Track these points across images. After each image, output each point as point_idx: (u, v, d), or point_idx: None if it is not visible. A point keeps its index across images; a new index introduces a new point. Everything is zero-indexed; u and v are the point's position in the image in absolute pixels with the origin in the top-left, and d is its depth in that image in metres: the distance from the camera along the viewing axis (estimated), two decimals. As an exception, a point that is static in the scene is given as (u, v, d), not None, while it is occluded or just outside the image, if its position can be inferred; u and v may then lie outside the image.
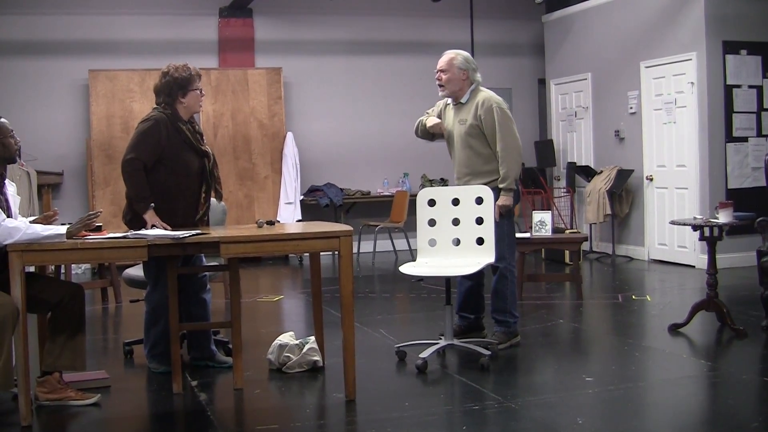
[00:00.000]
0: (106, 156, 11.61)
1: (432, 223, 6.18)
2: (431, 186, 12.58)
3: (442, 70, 6.37)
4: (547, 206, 12.01)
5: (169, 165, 5.59)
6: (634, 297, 8.48)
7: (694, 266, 10.33)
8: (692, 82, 10.42)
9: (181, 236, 4.83)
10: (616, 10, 11.81)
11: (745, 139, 10.34)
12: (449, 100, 6.47)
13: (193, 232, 5.00)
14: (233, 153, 12.14)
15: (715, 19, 10.21)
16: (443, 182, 13.02)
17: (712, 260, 6.67)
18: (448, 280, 6.02)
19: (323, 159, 13.03)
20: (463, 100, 6.33)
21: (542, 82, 13.85)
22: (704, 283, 6.82)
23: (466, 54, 6.46)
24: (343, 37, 13.18)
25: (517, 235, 7.16)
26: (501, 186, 6.16)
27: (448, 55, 6.40)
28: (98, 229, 4.98)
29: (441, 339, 6.07)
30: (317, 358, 5.74)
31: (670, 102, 10.79)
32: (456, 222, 6.13)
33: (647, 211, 11.25)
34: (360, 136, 13.22)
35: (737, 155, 10.30)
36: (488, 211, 5.99)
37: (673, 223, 7.04)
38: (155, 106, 5.76)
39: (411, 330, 7.28)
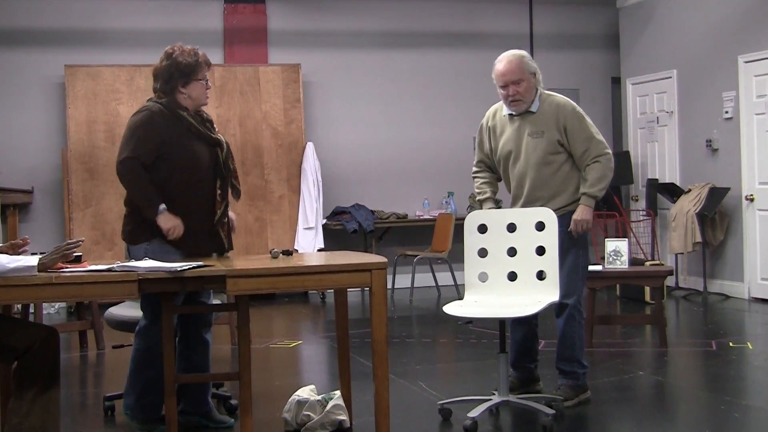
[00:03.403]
0: (87, 170, 11.70)
1: (483, 253, 6.16)
2: (481, 208, 12.63)
3: (515, 82, 6.24)
4: (622, 233, 11.95)
5: (174, 159, 5.62)
6: (731, 344, 8.40)
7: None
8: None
9: (179, 269, 4.84)
10: (707, -6, 11.81)
11: None
12: (504, 111, 6.40)
13: (193, 264, 5.00)
14: (242, 167, 12.18)
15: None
16: (496, 204, 12.97)
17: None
18: (502, 323, 5.99)
19: (350, 175, 13.07)
20: (533, 109, 6.26)
21: (616, 82, 13.82)
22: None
23: (527, 53, 6.51)
24: (374, 27, 13.23)
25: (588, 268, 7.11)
26: (586, 191, 6.17)
27: (514, 59, 6.32)
28: (77, 260, 5.00)
29: (494, 395, 6.03)
30: (343, 417, 5.72)
31: (774, 104, 10.79)
32: (512, 252, 6.10)
33: (747, 239, 11.17)
34: (395, 148, 13.24)
35: None
36: (551, 240, 5.96)
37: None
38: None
39: (457, 383, 7.25)
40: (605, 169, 6.17)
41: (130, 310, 6.34)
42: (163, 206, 5.54)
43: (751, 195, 11.05)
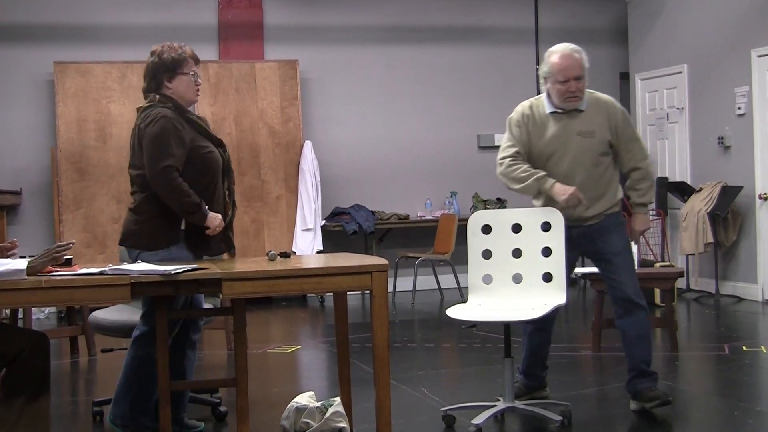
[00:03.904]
0: (77, 170, 11.70)
1: (487, 254, 6.16)
2: (485, 208, 12.63)
3: (577, 78, 6.09)
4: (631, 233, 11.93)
5: (194, 163, 5.68)
6: (744, 348, 8.40)
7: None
8: (816, 76, 10.42)
9: (172, 272, 4.84)
10: (719, -14, 11.82)
11: None
12: (545, 108, 6.21)
13: (188, 267, 5.00)
14: (237, 167, 12.17)
15: None
16: (500, 203, 13.01)
17: None
18: (507, 327, 5.99)
19: (350, 175, 13.07)
20: (581, 107, 6.16)
21: (625, 77, 13.82)
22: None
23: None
24: (374, 22, 13.24)
25: (595, 270, 7.08)
26: (642, 201, 6.32)
27: (578, 54, 6.15)
28: (68, 263, 4.99)
29: (499, 401, 6.03)
30: (343, 424, 5.72)
31: (789, 100, 10.80)
32: (517, 254, 6.11)
33: (761, 239, 11.17)
34: (396, 147, 13.24)
35: None
36: (558, 241, 5.97)
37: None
38: (147, 102, 5.80)
39: (461, 389, 7.26)
40: (652, 176, 6.37)
41: (115, 313, 6.32)
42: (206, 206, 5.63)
43: (765, 194, 11.05)
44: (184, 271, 4.88)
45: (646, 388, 6.15)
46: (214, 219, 5.66)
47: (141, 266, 5.04)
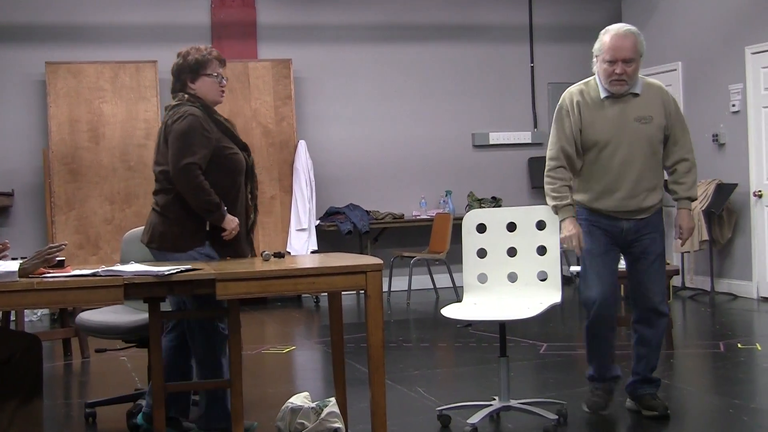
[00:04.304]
0: (69, 171, 11.68)
1: (482, 253, 6.15)
2: (480, 207, 12.63)
3: (626, 60, 5.79)
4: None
5: (219, 164, 5.76)
6: (740, 345, 8.41)
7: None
8: (811, 72, 10.44)
9: (166, 273, 4.83)
10: (712, -17, 11.82)
11: None
12: (599, 93, 5.94)
13: (182, 267, 4.99)
14: (231, 167, 12.16)
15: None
16: (495, 202, 13.00)
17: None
18: (502, 326, 5.98)
19: (344, 174, 13.06)
20: (637, 90, 5.89)
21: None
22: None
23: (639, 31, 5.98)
24: (368, 20, 13.23)
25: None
26: (689, 195, 5.99)
27: (631, 35, 5.86)
28: (60, 265, 4.98)
29: (494, 400, 6.02)
30: (339, 425, 5.71)
31: (783, 97, 10.81)
32: (512, 252, 6.10)
33: (755, 237, 11.17)
34: (391, 145, 13.24)
35: None
36: (553, 239, 5.96)
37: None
38: (176, 101, 5.87)
39: (457, 389, 7.25)
40: (695, 166, 6.02)
41: (101, 314, 6.28)
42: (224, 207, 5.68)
43: (760, 191, 11.05)
44: (178, 272, 4.88)
45: (648, 394, 6.10)
46: (231, 221, 5.68)
47: (134, 267, 5.04)
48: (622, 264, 6.11)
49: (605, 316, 5.89)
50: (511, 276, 6.08)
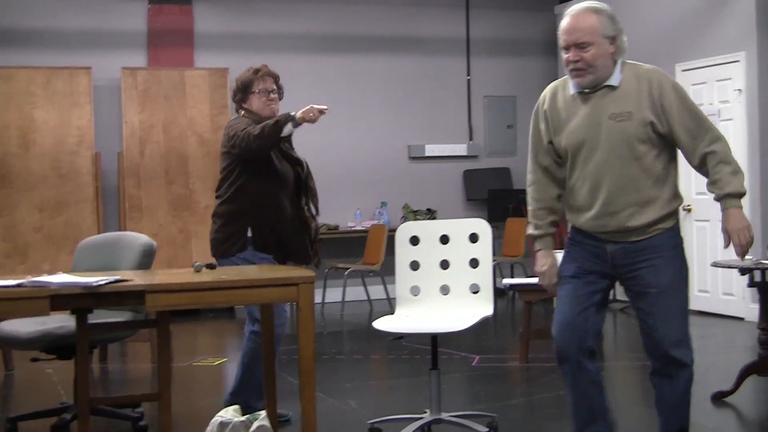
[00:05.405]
0: (-2, 178, 11.53)
1: (415, 266, 6.15)
2: (415, 219, 12.66)
3: (580, 45, 4.65)
4: (560, 244, 12.00)
5: (264, 174, 6.17)
6: (670, 359, 8.44)
7: (743, 318, 10.38)
8: (740, 90, 10.50)
9: (94, 284, 4.76)
10: (646, 0, 11.90)
11: (807, 160, 10.41)
12: (571, 88, 4.80)
13: (110, 278, 4.93)
14: (165, 176, 12.10)
15: (770, 10, 10.31)
16: (430, 214, 13.02)
17: (764, 311, 6.68)
18: (434, 339, 5.98)
19: (279, 184, 13.00)
20: (613, 82, 4.71)
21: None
22: (755, 341, 6.83)
23: (609, 8, 4.86)
24: (306, 30, 13.21)
25: (523, 280, 7.14)
26: (729, 190, 4.66)
27: (585, 14, 4.71)
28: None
29: (426, 413, 6.02)
30: (268, 438, 5.68)
31: (712, 114, 10.84)
32: (445, 265, 6.10)
33: (685, 251, 11.23)
34: (326, 156, 13.20)
35: (798, 180, 10.36)
36: (485, 252, 5.97)
37: (715, 265, 7.05)
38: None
39: (389, 401, 7.26)
40: (730, 155, 4.67)
41: (16, 325, 6.16)
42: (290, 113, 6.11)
43: (689, 205, 11.15)
44: (106, 283, 4.81)
45: None
46: (307, 112, 6.11)
47: (62, 278, 4.96)
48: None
49: (565, 354, 4.78)
50: (444, 288, 6.09)
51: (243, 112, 6.38)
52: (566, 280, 4.87)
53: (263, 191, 6.15)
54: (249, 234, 6.17)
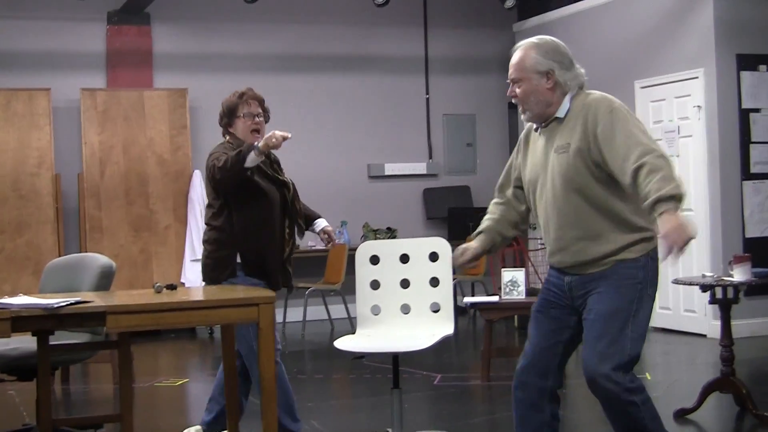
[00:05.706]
0: (-43, 203, 11.43)
1: (375, 285, 6.16)
2: (376, 238, 12.67)
3: (514, 81, 4.67)
4: (520, 262, 12.05)
5: (249, 198, 6.12)
6: (630, 375, 8.48)
7: (705, 335, 10.44)
8: (699, 106, 10.59)
9: (55, 306, 4.75)
10: (604, 17, 12.01)
11: (765, 176, 10.49)
12: (534, 125, 4.80)
13: (71, 300, 4.92)
14: (125, 196, 12.06)
15: (728, 28, 10.42)
16: (390, 233, 13.04)
17: (726, 328, 6.72)
18: (395, 358, 5.99)
19: (240, 204, 12.98)
20: (559, 115, 4.65)
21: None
22: (718, 357, 6.87)
23: (549, 41, 4.81)
24: (265, 50, 13.22)
25: (484, 299, 7.14)
26: (659, 195, 4.16)
27: (521, 51, 4.70)
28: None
29: (388, 431, 6.03)
30: (230, 458, 5.68)
31: (671, 130, 10.95)
32: (405, 284, 6.12)
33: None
34: (287, 176, 13.19)
35: (756, 196, 10.45)
36: (445, 271, 5.99)
37: (676, 282, 7.10)
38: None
39: (351, 421, 7.27)
40: (662, 166, 4.25)
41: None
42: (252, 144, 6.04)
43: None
44: (67, 305, 4.80)
45: None
46: (269, 138, 6.07)
47: (23, 300, 4.95)
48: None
49: (523, 384, 4.73)
50: (404, 307, 6.10)
51: (228, 137, 6.36)
52: (533, 314, 4.80)
53: (251, 217, 6.10)
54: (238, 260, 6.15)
